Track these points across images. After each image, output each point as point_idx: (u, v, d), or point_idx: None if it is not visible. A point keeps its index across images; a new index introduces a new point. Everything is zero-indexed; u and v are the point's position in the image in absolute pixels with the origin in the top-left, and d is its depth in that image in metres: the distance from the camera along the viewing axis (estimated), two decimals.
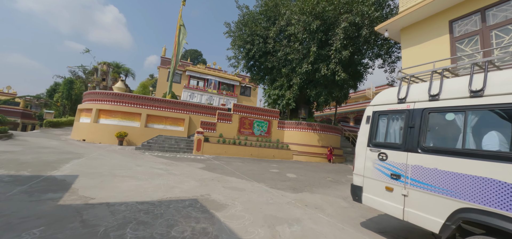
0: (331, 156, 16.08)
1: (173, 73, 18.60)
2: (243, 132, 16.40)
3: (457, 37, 5.32)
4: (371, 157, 3.66)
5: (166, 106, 16.98)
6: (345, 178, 9.78)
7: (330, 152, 16.15)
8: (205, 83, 35.31)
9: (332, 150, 16.20)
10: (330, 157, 16.08)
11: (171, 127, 17.10)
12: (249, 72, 20.75)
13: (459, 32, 5.32)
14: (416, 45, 6.04)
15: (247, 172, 9.23)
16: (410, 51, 6.20)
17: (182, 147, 14.42)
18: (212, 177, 7.56)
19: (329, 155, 16.13)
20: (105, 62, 19.37)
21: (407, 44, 6.26)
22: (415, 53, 6.12)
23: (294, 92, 15.70)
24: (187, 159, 11.55)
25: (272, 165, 12.07)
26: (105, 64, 19.46)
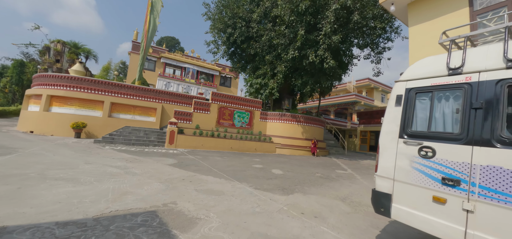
0: (315, 149, 15.33)
1: (143, 57, 16.27)
2: (223, 123, 14.90)
3: (479, 10, 4.45)
4: (407, 153, 2.53)
5: (134, 94, 14.76)
6: (335, 173, 8.90)
7: (314, 145, 15.40)
8: (182, 72, 32.77)
9: (316, 142, 15.46)
10: (314, 150, 15.34)
11: (141, 117, 14.96)
12: (230, 59, 19.10)
13: (481, 4, 4.46)
14: (426, 21, 5.13)
15: (227, 168, 7.86)
16: (419, 29, 5.29)
17: (153, 140, 12.52)
18: (183, 176, 6.07)
19: (313, 148, 15.38)
20: (59, 41, 16.19)
21: (416, 21, 5.33)
22: (424, 30, 5.22)
23: (279, 81, 14.51)
24: (157, 153, 9.81)
25: (254, 160, 10.84)
26: (60, 43, 16.29)
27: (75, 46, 16.82)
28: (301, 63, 13.45)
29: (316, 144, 15.42)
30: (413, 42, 5.41)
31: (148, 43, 16.28)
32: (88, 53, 18.13)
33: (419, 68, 2.68)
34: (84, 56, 18.25)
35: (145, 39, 16.21)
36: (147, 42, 16.21)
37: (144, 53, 16.21)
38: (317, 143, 15.58)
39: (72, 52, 16.20)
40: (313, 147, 15.43)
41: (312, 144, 15.50)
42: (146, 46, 16.24)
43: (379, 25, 12.09)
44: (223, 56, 18.39)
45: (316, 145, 15.46)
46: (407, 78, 2.75)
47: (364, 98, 28.93)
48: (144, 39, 16.28)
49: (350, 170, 10.03)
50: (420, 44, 5.28)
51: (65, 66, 16.35)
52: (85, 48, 17.84)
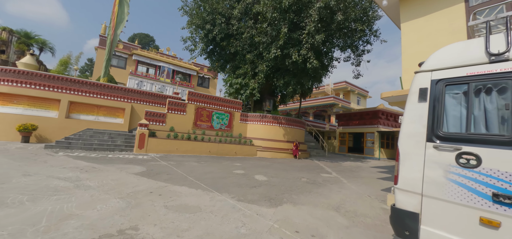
0: (297, 151, 14.97)
1: (110, 51, 14.49)
2: (200, 125, 13.82)
3: (475, 6, 4.25)
4: (440, 161, 1.97)
5: (99, 92, 13.00)
6: (320, 177, 8.47)
7: (296, 147, 15.03)
8: (157, 71, 30.65)
9: (298, 145, 15.12)
10: (296, 152, 14.97)
11: (106, 119, 13.22)
12: (208, 58, 18.03)
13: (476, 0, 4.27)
14: (419, 17, 4.89)
15: (205, 175, 6.95)
16: (412, 25, 5.03)
17: (119, 144, 11.00)
18: (151, 187, 5.05)
19: (295, 151, 15.01)
20: (4, 28, 13.50)
21: (409, 17, 5.07)
22: (418, 27, 4.97)
23: (260, 81, 13.89)
24: (122, 160, 8.49)
25: (235, 164, 10.02)
26: (6, 31, 13.62)
27: (26, 35, 14.31)
28: (283, 63, 12.99)
29: (298, 146, 15.08)
30: (407, 39, 5.15)
31: (115, 36, 14.58)
32: (42, 44, 15.57)
33: (448, 55, 2.17)
34: (38, 48, 15.68)
35: (112, 31, 14.49)
36: (115, 35, 14.51)
37: (111, 47, 14.47)
38: (299, 145, 15.25)
39: (22, 42, 13.72)
40: (295, 149, 15.05)
41: (294, 146, 15.13)
42: (113, 39, 14.52)
43: (359, 27, 12.13)
44: (201, 54, 17.27)
45: (298, 147, 15.12)
46: (432, 67, 2.23)
47: (342, 100, 29.74)
48: (111, 31, 14.54)
49: (335, 173, 9.72)
50: (414, 40, 5.02)
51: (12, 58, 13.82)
52: (39, 38, 15.30)
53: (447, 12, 4.49)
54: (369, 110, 20.30)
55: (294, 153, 15.06)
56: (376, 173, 10.98)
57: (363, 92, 34.70)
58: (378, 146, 19.35)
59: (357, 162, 16.03)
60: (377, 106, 19.37)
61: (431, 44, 4.68)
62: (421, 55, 5.09)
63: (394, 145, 21.09)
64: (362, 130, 20.93)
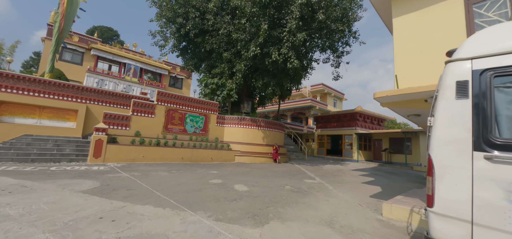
0: (277, 155, 14.54)
1: (57, 41, 12.49)
2: (172, 129, 12.59)
3: None
4: (497, 177, 1.50)
5: (42, 90, 11.03)
6: (305, 184, 8.04)
7: (275, 151, 14.60)
8: (121, 69, 28.09)
9: (278, 148, 14.71)
10: (276, 156, 14.54)
11: (52, 122, 11.27)
12: (181, 56, 16.83)
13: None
14: (413, 11, 4.71)
15: (176, 188, 6.00)
16: (405, 20, 4.84)
17: (67, 153, 9.34)
18: (102, 211, 4.00)
19: (275, 154, 14.57)
20: None
21: (401, 11, 4.88)
22: (411, 22, 4.79)
23: (238, 82, 13.20)
24: (69, 173, 7.06)
25: (211, 172, 9.13)
26: None
27: None
28: (263, 62, 12.49)
29: (277, 150, 14.67)
30: (399, 35, 4.95)
31: (66, 24, 12.65)
32: None
33: (494, 38, 1.74)
34: None
35: (62, 17, 12.54)
36: (65, 22, 12.58)
37: (59, 36, 12.49)
38: (278, 149, 14.85)
39: None
40: (274, 153, 14.61)
41: (274, 150, 14.69)
42: (63, 27, 12.57)
43: (340, 27, 12.19)
44: (173, 50, 16.04)
45: (278, 151, 14.71)
46: (472, 54, 1.78)
47: (319, 103, 30.42)
48: (59, 17, 12.56)
49: (318, 179, 9.42)
50: (407, 37, 4.84)
51: None
52: None
53: (442, 6, 4.36)
54: (347, 113, 20.90)
55: (274, 157, 14.61)
56: (358, 176, 10.99)
57: (340, 94, 36.09)
58: (357, 148, 19.95)
59: (337, 165, 16.20)
60: (354, 109, 20.03)
61: (425, 41, 4.52)
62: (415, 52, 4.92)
63: (371, 147, 22.01)
64: (340, 132, 21.46)
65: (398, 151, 20.36)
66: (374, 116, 22.53)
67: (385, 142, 21.23)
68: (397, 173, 13.40)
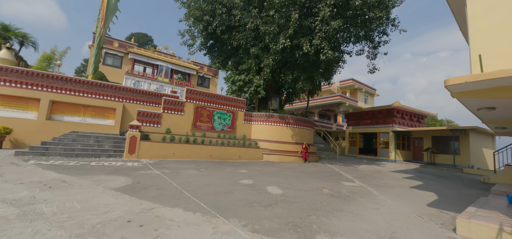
0: (307, 154, 13.57)
1: (99, 44, 13.16)
2: (200, 126, 12.46)
3: None
4: None
5: (85, 90, 11.66)
6: (344, 188, 7.08)
7: (305, 150, 13.63)
8: (154, 70, 29.38)
9: (307, 147, 13.71)
10: (306, 155, 13.57)
11: (94, 120, 11.88)
12: (208, 53, 16.71)
13: None
14: None
15: (205, 188, 5.57)
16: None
17: (107, 149, 9.65)
18: (130, 213, 3.67)
19: (305, 153, 13.60)
20: None
21: None
22: None
23: (265, 77, 12.52)
24: (106, 169, 7.11)
25: (240, 171, 8.64)
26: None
27: (4, 28, 13.00)
28: (292, 55, 11.63)
29: (307, 149, 13.68)
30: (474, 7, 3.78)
31: (105, 27, 13.25)
32: (23, 38, 14.17)
33: None
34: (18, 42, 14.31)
35: (102, 22, 13.18)
36: (105, 25, 13.19)
37: (100, 40, 13.14)
38: (308, 147, 13.85)
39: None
40: (304, 152, 13.65)
41: (303, 148, 13.72)
42: (103, 31, 13.20)
43: (377, 13, 10.76)
44: (200, 49, 15.96)
45: (308, 149, 13.72)
46: None
47: (349, 99, 28.36)
48: (100, 23, 13.22)
49: (358, 181, 8.33)
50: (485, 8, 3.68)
51: None
52: (19, 32, 13.90)
53: None
54: (382, 109, 18.90)
55: (303, 156, 13.65)
56: (402, 179, 9.59)
57: (371, 90, 33.31)
58: (394, 147, 17.94)
59: (373, 165, 14.64)
60: (392, 104, 17.99)
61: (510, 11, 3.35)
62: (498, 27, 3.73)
63: (411, 146, 19.68)
64: (375, 130, 19.52)
65: (443, 151, 17.82)
66: (413, 112, 20.07)
67: (427, 141, 18.77)
68: (446, 176, 11.54)
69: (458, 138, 17.16)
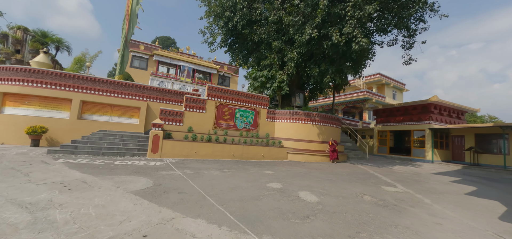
0: (335, 154, 12.41)
1: (125, 44, 13.28)
2: (222, 125, 11.96)
3: None
4: None
5: (112, 90, 11.78)
6: (387, 193, 6.00)
7: (333, 149, 12.47)
8: (177, 71, 29.86)
9: (335, 146, 12.54)
10: (334, 155, 12.40)
11: (120, 119, 11.96)
12: (229, 50, 16.21)
13: None
14: None
15: (230, 193, 4.92)
16: None
17: (131, 148, 9.53)
18: (148, 224, 3.11)
19: (332, 153, 12.45)
20: (20, 27, 13.05)
21: None
22: None
23: (290, 72, 11.62)
24: (128, 168, 6.82)
25: (265, 172, 7.90)
26: (21, 30, 13.17)
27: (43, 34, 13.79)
28: (319, 47, 10.58)
29: (335, 148, 12.50)
30: None
31: (130, 28, 13.34)
32: (58, 43, 14.97)
33: None
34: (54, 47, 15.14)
35: (127, 23, 13.26)
36: (130, 26, 13.27)
37: (125, 41, 13.25)
38: (336, 145, 12.65)
39: (36, 40, 13.14)
40: (331, 151, 12.50)
41: (330, 147, 12.57)
42: (128, 32, 13.29)
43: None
44: (221, 46, 15.51)
45: (336, 148, 12.54)
46: None
47: (376, 95, 26.21)
48: (125, 25, 13.33)
49: (401, 186, 7.14)
50: None
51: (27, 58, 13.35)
52: (55, 37, 14.72)
53: None
54: (416, 104, 16.89)
55: (331, 157, 12.50)
56: (450, 184, 8.13)
57: (400, 85, 30.56)
58: (431, 146, 15.93)
59: (408, 166, 13.01)
60: (428, 99, 15.96)
61: None
62: None
63: (449, 145, 17.41)
64: (408, 127, 17.55)
65: (488, 151, 15.42)
66: (453, 108, 17.70)
67: (469, 139, 16.41)
68: (498, 180, 9.74)
69: (508, 135, 14.71)
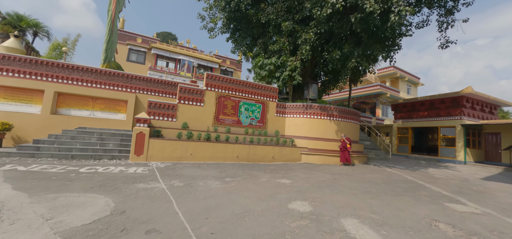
0: (346, 154, 9.97)
1: (111, 30, 11.32)
2: (224, 120, 9.97)
3: None
4: None
5: (94, 80, 9.86)
6: (466, 219, 3.96)
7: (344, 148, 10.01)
8: (177, 65, 27.96)
9: (347, 144, 10.10)
10: (345, 156, 9.97)
11: (104, 114, 10.05)
12: (231, 38, 14.17)
13: None
14: None
15: (234, 226, 2.92)
16: None
17: (110, 149, 7.59)
18: None
19: (344, 155, 10.02)
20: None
21: None
22: None
23: (304, 56, 9.55)
24: (93, 179, 4.86)
25: (280, 181, 5.90)
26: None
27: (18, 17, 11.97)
28: (342, 24, 8.48)
29: (346, 145, 10.02)
30: None
31: (117, 11, 11.38)
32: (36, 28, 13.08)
33: None
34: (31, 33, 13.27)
35: (113, 6, 11.30)
36: (116, 9, 11.31)
37: (112, 23, 11.29)
38: (348, 143, 10.16)
39: (7, 23, 11.31)
40: (342, 151, 10.03)
41: (342, 147, 10.15)
42: (114, 15, 11.33)
43: None
44: (222, 32, 13.49)
45: (348, 147, 10.07)
46: None
47: (390, 89, 24.00)
48: (111, 6, 11.36)
49: (469, 202, 5.07)
50: None
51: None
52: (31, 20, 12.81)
53: None
54: (445, 97, 14.69)
55: (341, 158, 10.09)
56: None
57: (414, 79, 28.22)
58: (464, 144, 13.74)
59: (440, 168, 10.89)
60: (461, 91, 13.76)
61: None
62: None
63: (482, 143, 15.20)
64: (435, 124, 15.36)
65: None
66: (487, 101, 15.44)
67: (507, 137, 14.19)
68: None
69: None
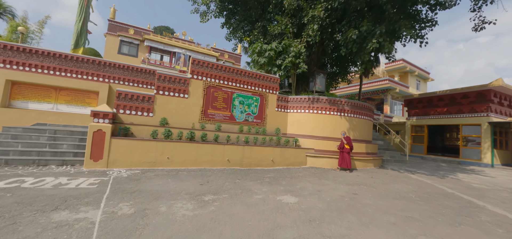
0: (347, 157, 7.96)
1: (82, 8, 9.51)
2: (213, 116, 8.16)
3: None
4: None
5: (58, 67, 8.07)
6: None
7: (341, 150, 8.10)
8: (172, 58, 26.14)
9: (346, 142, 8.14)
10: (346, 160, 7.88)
11: (70, 108, 8.28)
12: (226, 23, 12.32)
13: None
14: None
15: None
16: None
17: (63, 151, 5.83)
18: None
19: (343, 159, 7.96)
20: None
21: None
22: None
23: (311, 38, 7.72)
24: (4, 201, 3.09)
25: (281, 199, 4.12)
26: None
27: None
28: None
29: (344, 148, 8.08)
30: None
31: None
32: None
33: None
34: None
35: None
36: None
37: (83, 4, 9.48)
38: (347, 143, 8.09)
39: None
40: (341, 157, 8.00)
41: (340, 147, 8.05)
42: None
43: None
44: (216, 15, 11.64)
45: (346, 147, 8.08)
46: None
47: (399, 84, 22.09)
48: None
49: None
50: None
51: None
52: None
53: None
54: (469, 91, 12.82)
55: (340, 162, 8.10)
56: None
57: (424, 74, 26.23)
58: (491, 145, 11.90)
59: (470, 173, 9.05)
60: (489, 84, 11.90)
61: None
62: None
63: (509, 143, 13.35)
64: (456, 121, 13.50)
65: None
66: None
67: None
68: None
69: None
